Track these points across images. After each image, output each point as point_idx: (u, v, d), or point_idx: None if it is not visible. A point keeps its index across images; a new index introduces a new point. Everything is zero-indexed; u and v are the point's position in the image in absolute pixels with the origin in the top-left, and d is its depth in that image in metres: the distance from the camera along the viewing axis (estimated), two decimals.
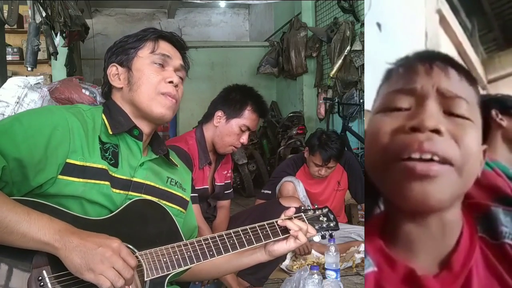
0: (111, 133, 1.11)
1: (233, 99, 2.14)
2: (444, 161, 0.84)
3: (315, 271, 1.87)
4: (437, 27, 1.00)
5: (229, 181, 2.34)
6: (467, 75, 0.91)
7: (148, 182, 1.16)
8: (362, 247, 2.73)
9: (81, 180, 1.03)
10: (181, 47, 1.25)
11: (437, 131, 0.84)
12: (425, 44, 1.00)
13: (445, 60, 0.91)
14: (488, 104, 1.22)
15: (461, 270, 0.87)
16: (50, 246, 0.89)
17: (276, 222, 1.24)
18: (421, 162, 0.84)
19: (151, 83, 1.15)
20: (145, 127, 1.18)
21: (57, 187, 1.00)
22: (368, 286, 0.89)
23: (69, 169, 1.02)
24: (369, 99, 1.05)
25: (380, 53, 1.01)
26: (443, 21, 1.00)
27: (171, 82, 1.16)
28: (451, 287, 0.86)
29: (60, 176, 1.01)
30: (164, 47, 1.20)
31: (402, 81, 0.90)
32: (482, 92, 1.23)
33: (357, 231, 2.97)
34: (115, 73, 1.19)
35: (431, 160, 0.84)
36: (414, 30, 1.01)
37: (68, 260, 0.90)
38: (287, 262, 2.68)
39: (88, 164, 1.04)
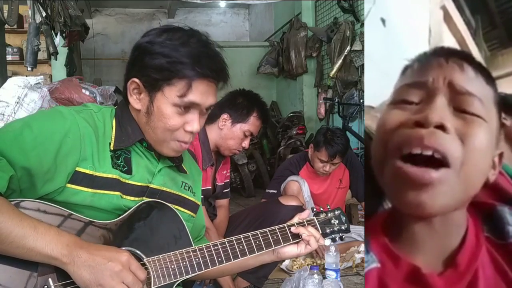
0: (112, 148, 1.05)
1: (240, 104, 2.16)
2: (444, 159, 0.81)
3: (315, 271, 1.87)
4: (441, 23, 0.99)
5: (228, 180, 2.37)
6: (485, 73, 0.88)
7: (164, 189, 1.14)
8: (362, 247, 2.72)
9: (90, 190, 1.00)
10: (222, 81, 1.08)
11: (441, 127, 0.81)
12: (429, 40, 0.99)
13: (462, 56, 0.88)
14: None
15: (467, 269, 0.86)
16: (58, 261, 0.88)
17: (289, 228, 1.21)
18: (416, 167, 0.81)
19: (169, 130, 1.04)
20: None
21: (65, 195, 0.98)
22: (370, 283, 0.87)
23: (78, 178, 0.99)
24: (369, 99, 1.04)
25: (383, 49, 0.99)
26: (447, 17, 0.99)
27: (191, 132, 1.06)
28: (456, 285, 0.85)
29: (68, 185, 0.98)
30: (198, 89, 1.02)
31: (416, 75, 0.88)
32: None
33: (358, 231, 2.98)
34: (135, 88, 1.06)
35: (432, 157, 0.81)
36: (418, 26, 1.00)
37: (77, 275, 0.88)
38: (287, 262, 2.67)
39: (98, 174, 1.01)
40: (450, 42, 0.99)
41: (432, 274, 0.86)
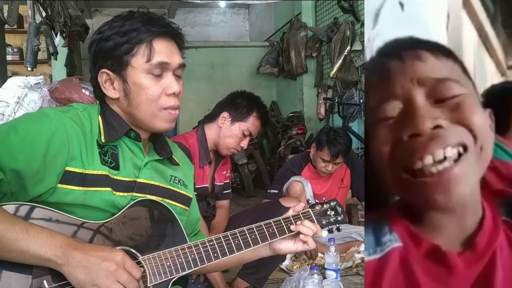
0: (103, 141, 1.06)
1: (240, 103, 2.18)
2: (464, 149, 0.81)
3: (315, 271, 1.87)
4: (460, 9, 0.96)
5: (228, 181, 2.37)
6: (441, 49, 0.86)
7: (153, 182, 1.13)
8: (362, 247, 2.72)
9: (81, 188, 1.00)
10: (179, 40, 1.12)
11: (437, 127, 0.81)
12: (447, 25, 0.95)
13: (412, 45, 0.86)
14: (508, 91, 1.17)
15: (485, 251, 0.87)
16: (52, 263, 0.88)
17: (285, 222, 1.21)
18: (429, 177, 0.82)
19: (152, 100, 1.06)
20: (142, 133, 1.13)
21: (57, 195, 0.98)
22: (391, 261, 0.87)
23: (69, 177, 0.99)
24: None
25: (401, 32, 0.94)
26: (466, 3, 0.96)
27: (173, 93, 1.08)
28: (474, 266, 0.85)
29: (59, 185, 0.98)
30: (161, 48, 1.06)
31: (381, 88, 0.86)
32: (501, 78, 1.18)
33: (358, 231, 2.98)
34: (107, 79, 1.08)
35: (445, 159, 0.81)
36: (436, 10, 0.97)
37: (71, 276, 0.88)
38: (287, 262, 2.67)
39: (88, 171, 1.01)
40: (468, 27, 0.96)
41: (452, 253, 0.86)
